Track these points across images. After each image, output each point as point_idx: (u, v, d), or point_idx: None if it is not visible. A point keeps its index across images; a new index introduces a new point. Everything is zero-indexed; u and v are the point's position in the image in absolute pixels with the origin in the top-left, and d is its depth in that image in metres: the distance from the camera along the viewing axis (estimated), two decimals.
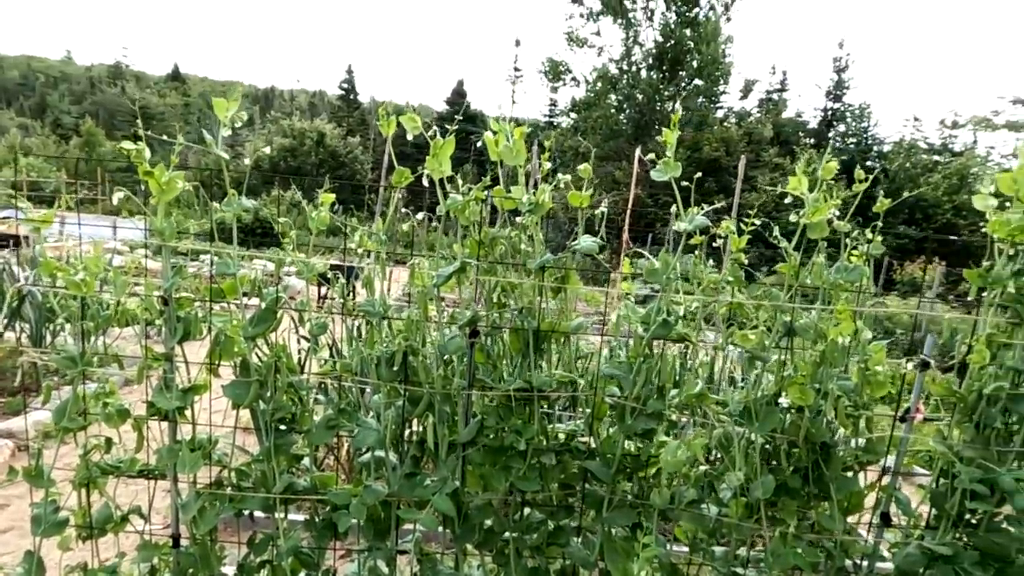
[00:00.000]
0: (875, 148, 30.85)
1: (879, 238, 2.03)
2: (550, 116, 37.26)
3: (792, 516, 2.06)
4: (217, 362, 1.97)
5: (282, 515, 2.04)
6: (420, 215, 1.90)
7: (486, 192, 1.93)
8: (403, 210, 1.99)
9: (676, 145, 1.96)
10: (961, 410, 2.09)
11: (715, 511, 2.13)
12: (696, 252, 2.00)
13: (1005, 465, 2.06)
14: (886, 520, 2.21)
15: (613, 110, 30.97)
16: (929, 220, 21.24)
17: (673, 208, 1.92)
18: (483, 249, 1.97)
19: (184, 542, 2.10)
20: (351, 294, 2.02)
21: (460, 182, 1.95)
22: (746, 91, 35.66)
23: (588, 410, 2.10)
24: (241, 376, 1.96)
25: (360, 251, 1.92)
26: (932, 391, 2.06)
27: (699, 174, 2.00)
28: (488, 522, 2.12)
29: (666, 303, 1.97)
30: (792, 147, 29.73)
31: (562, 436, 2.15)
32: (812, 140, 32.34)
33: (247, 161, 1.92)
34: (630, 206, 10.79)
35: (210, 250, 1.95)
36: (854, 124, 32.51)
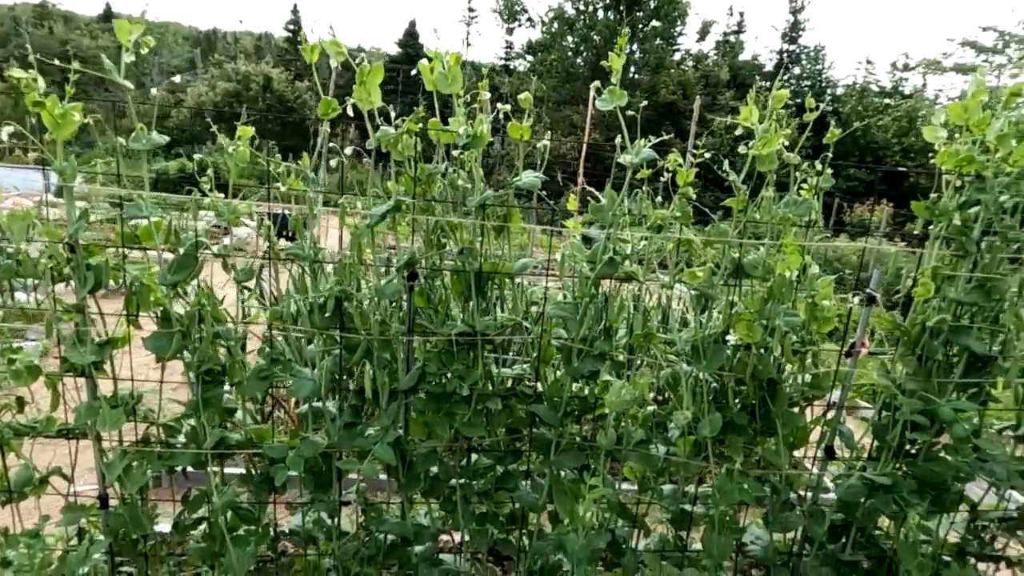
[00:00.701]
0: (829, 91, 31.09)
1: (829, 171, 1.98)
2: (506, 59, 36.32)
3: (739, 453, 2.06)
4: (135, 313, 1.83)
5: (217, 470, 1.94)
6: (348, 150, 1.76)
7: (420, 124, 1.80)
8: (330, 145, 1.84)
9: (633, 88, 1.86)
10: (904, 343, 2.10)
11: (663, 450, 2.12)
12: (643, 188, 1.92)
13: (944, 396, 2.09)
14: (830, 453, 2.23)
15: (570, 53, 30.35)
16: (879, 162, 21.65)
17: (619, 139, 1.82)
18: (419, 187, 1.85)
19: (114, 503, 1.99)
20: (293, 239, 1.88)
21: (392, 114, 1.81)
22: (703, 33, 35.31)
23: (535, 353, 2.03)
24: (162, 327, 1.83)
25: (285, 191, 1.78)
26: (878, 325, 2.06)
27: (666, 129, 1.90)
28: (434, 469, 2.06)
29: (613, 241, 1.89)
30: (748, 90, 29.71)
31: (508, 380, 2.09)
32: (768, 83, 32.38)
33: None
34: (584, 148, 10.63)
35: (120, 192, 1.79)
36: (809, 66, 32.62)
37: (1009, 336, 2.08)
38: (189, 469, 1.96)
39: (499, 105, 1.80)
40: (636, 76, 28.33)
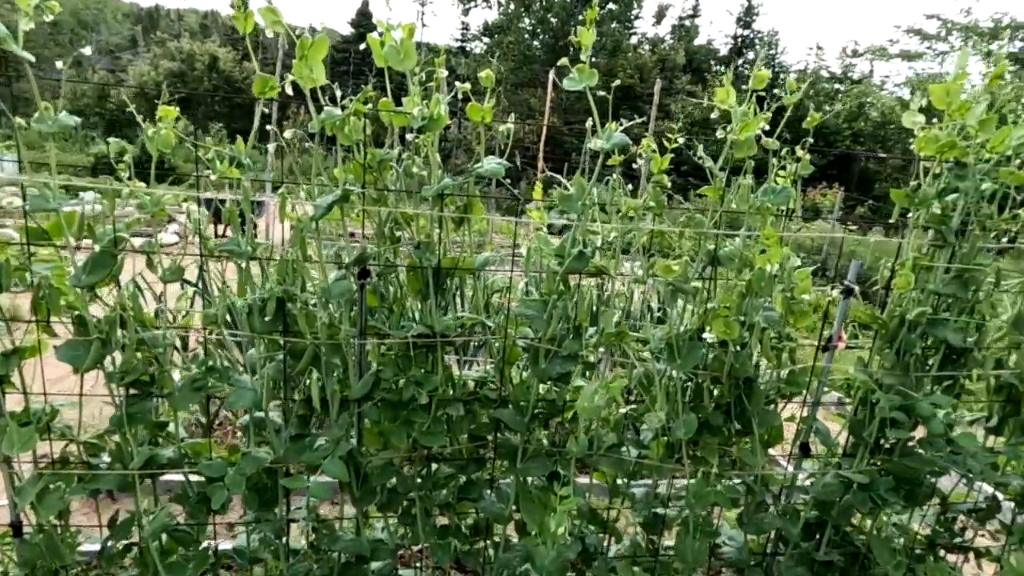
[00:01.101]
0: (782, 76, 31.58)
1: (807, 156, 1.87)
2: (462, 40, 35.75)
3: (713, 454, 1.96)
4: (46, 319, 1.61)
5: (151, 490, 1.75)
6: (288, 134, 1.56)
7: (370, 105, 1.62)
8: (271, 128, 1.64)
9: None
10: (882, 336, 2.02)
11: (635, 454, 2.01)
12: (613, 176, 1.78)
13: (921, 390, 2.03)
14: (805, 451, 2.16)
15: (527, 35, 30.03)
16: (830, 147, 22.11)
17: (589, 123, 1.67)
18: (370, 175, 1.67)
19: (29, 531, 1.77)
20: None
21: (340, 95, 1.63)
22: (659, 16, 35.40)
23: (499, 355, 1.89)
24: (78, 334, 1.61)
25: (217, 179, 1.58)
26: (857, 318, 1.98)
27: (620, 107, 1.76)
28: (392, 481, 1.90)
29: (582, 233, 1.75)
30: (704, 74, 29.97)
31: (471, 384, 1.94)
32: (723, 67, 32.71)
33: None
34: (545, 131, 10.46)
35: (23, 180, 1.56)
36: (763, 51, 33.04)
37: (985, 327, 2.03)
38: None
39: (458, 84, 1.62)
40: (593, 59, 28.15)
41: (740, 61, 33.81)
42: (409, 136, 1.64)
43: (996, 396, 2.17)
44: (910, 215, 2.00)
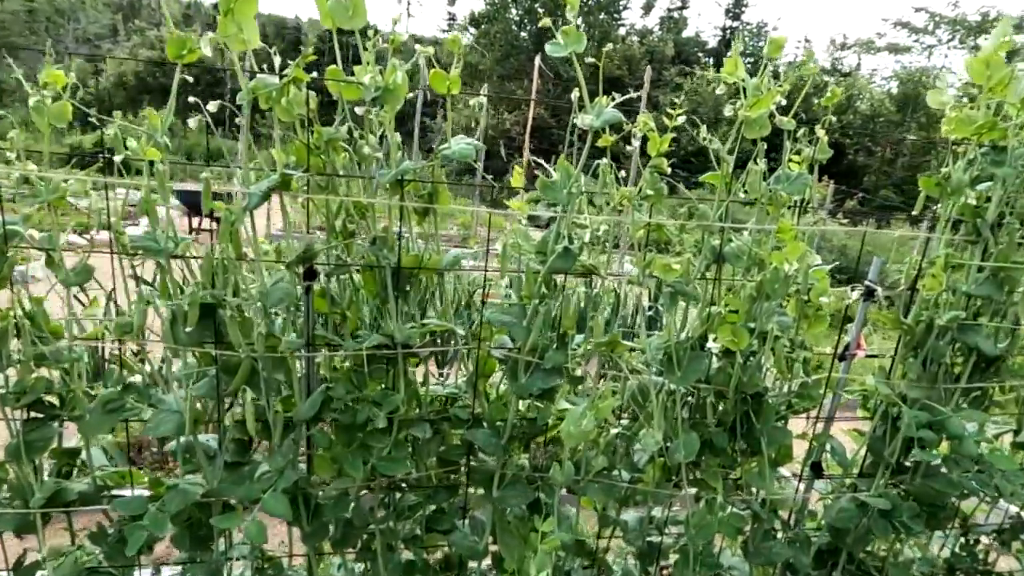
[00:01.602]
0: (770, 68, 31.35)
1: (825, 139, 1.63)
2: (448, 31, 35.25)
3: (716, 478, 1.72)
4: None
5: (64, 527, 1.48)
6: (212, 106, 1.30)
7: (314, 74, 1.35)
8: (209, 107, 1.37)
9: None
10: (906, 344, 1.79)
11: (628, 478, 1.77)
12: (604, 161, 1.53)
13: (949, 403, 1.80)
14: (817, 471, 1.93)
15: (514, 26, 29.64)
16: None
17: (575, 95, 1.42)
18: (316, 157, 1.41)
19: None
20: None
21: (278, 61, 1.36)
22: (647, 7, 35.05)
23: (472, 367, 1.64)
24: None
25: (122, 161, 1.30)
26: (879, 322, 1.74)
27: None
28: (349, 513, 1.65)
29: (567, 226, 1.50)
30: (693, 66, 29.74)
31: (439, 402, 1.69)
32: (712, 59, 32.51)
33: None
34: (531, 118, 10.18)
35: None
36: (751, 43, 32.85)
37: (1018, 332, 1.80)
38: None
39: (419, 47, 1.36)
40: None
41: (728, 54, 33.56)
42: (361, 111, 1.38)
43: None
44: (939, 207, 1.77)
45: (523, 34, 29.44)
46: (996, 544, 2.18)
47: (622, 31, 31.84)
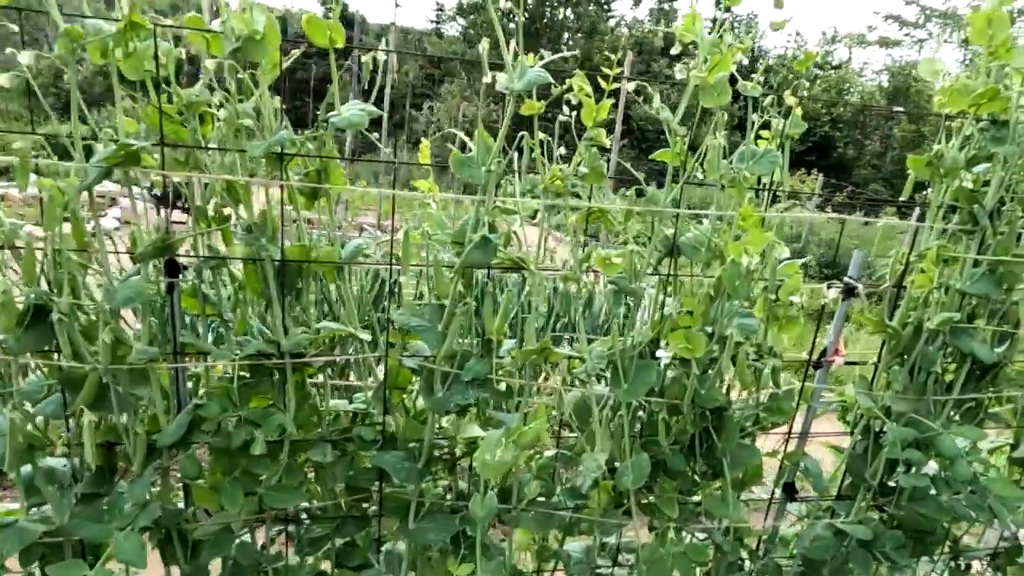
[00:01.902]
0: (760, 60, 31.21)
1: (798, 110, 1.39)
2: (437, 21, 34.80)
3: (672, 505, 1.49)
4: None
5: None
6: (26, 56, 1.04)
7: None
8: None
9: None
10: (891, 349, 1.56)
11: (571, 504, 1.53)
12: (533, 131, 1.28)
13: (939, 417, 1.57)
14: (790, 492, 1.69)
15: (503, 16, 29.29)
16: (808, 133, 21.68)
17: (484, 45, 1.17)
18: (174, 124, 1.15)
19: None
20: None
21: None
22: None
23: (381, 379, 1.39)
24: None
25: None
26: (863, 324, 1.51)
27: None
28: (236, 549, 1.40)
29: (489, 212, 1.25)
30: (682, 58, 29.51)
31: (348, 418, 1.44)
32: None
33: None
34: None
35: None
36: (740, 35, 32.62)
37: (1017, 336, 1.58)
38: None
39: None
40: (570, 41, 27.58)
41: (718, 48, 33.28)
42: (236, 70, 1.12)
43: None
44: (929, 192, 1.53)
45: (512, 25, 29.08)
46: (990, 570, 1.97)
47: (611, 23, 31.55)
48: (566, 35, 27.69)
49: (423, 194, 1.28)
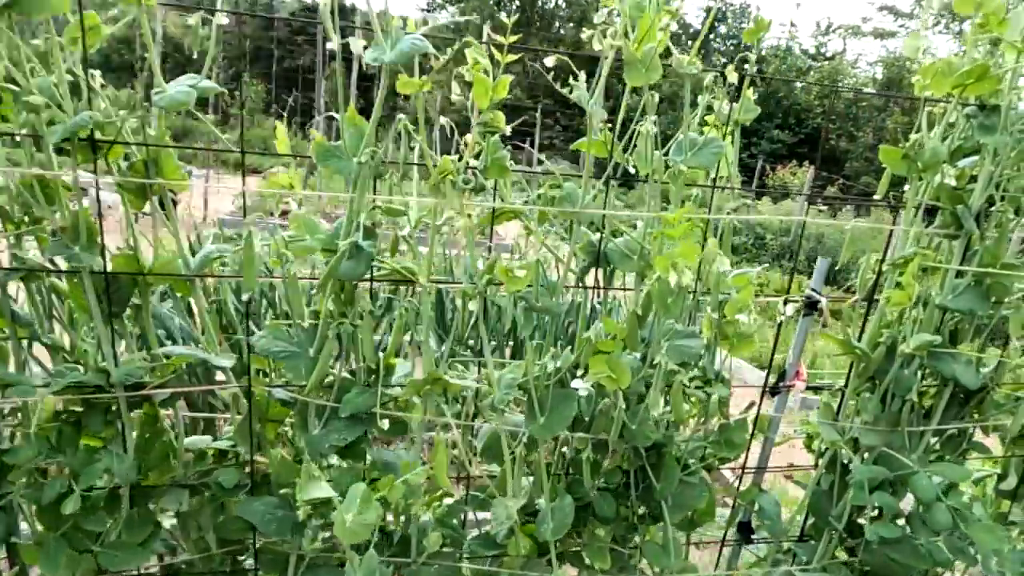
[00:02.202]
0: (754, 51, 30.88)
1: (750, 92, 1.16)
2: (428, 10, 34.37)
3: (602, 556, 1.27)
4: None
5: None
6: None
7: None
8: None
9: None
10: (860, 374, 1.34)
11: (487, 553, 1.31)
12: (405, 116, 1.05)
13: (916, 451, 1.35)
14: (745, 533, 1.48)
15: (493, 4, 28.95)
16: (801, 124, 21.47)
17: (324, 3, 0.94)
18: None
19: None
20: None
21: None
22: None
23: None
24: None
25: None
26: (828, 345, 1.28)
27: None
28: None
29: (365, 213, 1.02)
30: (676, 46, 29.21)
31: (213, 458, 1.21)
32: (693, 42, 31.97)
33: None
34: None
35: None
36: (735, 25, 32.30)
37: (1005, 358, 1.36)
38: None
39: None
40: (561, 31, 27.26)
41: (712, 36, 33.04)
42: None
43: (1015, 448, 1.51)
44: (906, 189, 1.31)
45: (503, 14, 28.74)
46: None
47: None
48: (556, 24, 27.36)
49: (282, 191, 1.04)
